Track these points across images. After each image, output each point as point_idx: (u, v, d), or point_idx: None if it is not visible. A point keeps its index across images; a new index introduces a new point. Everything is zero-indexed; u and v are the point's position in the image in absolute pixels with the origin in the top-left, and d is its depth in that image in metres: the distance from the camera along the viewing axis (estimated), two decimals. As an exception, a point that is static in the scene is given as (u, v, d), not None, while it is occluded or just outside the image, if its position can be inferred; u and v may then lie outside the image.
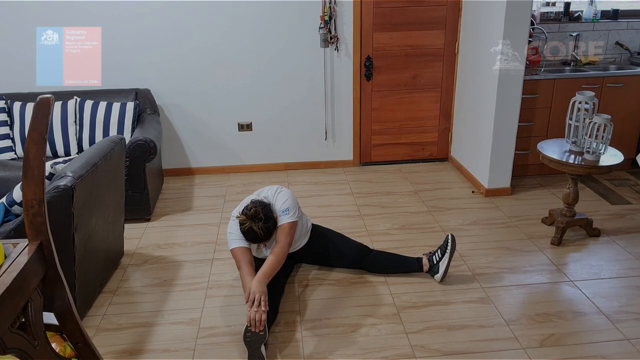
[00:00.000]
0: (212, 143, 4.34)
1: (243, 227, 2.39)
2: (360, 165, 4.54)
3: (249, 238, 2.43)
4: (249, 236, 2.41)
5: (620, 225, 3.34)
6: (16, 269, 1.39)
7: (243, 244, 2.47)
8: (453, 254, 2.72)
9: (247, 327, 2.20)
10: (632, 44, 4.37)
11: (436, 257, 2.74)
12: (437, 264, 2.72)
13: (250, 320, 2.18)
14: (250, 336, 2.18)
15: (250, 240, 2.45)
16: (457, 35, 4.19)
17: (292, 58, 4.14)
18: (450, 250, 2.70)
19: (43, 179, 1.46)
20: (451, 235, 2.73)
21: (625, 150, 3.37)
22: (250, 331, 2.18)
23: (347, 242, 2.85)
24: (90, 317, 2.53)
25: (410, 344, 2.29)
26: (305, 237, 2.78)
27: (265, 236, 2.41)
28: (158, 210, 3.73)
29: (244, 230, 2.39)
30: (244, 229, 2.39)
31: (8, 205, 2.49)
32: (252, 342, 2.18)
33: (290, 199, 2.56)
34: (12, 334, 1.36)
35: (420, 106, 4.40)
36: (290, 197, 2.58)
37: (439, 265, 2.71)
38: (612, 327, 2.38)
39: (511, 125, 3.65)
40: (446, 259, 2.69)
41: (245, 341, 2.19)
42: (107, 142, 2.68)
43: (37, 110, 1.44)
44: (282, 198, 2.55)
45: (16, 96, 3.76)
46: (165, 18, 3.93)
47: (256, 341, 2.18)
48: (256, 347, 2.17)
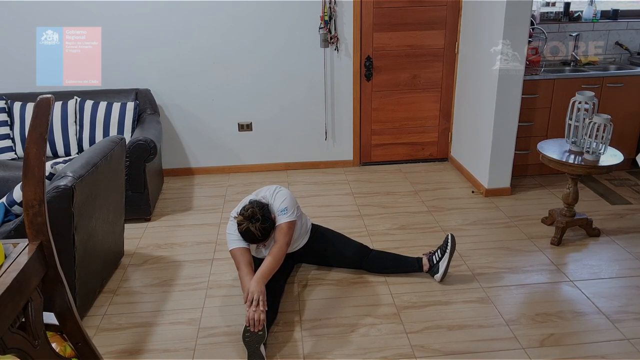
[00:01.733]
0: (212, 143, 4.34)
1: (240, 228, 2.40)
2: (360, 165, 4.54)
3: (246, 239, 2.43)
4: (246, 237, 2.41)
5: (620, 225, 3.34)
6: (16, 269, 1.39)
7: (242, 244, 2.47)
8: (453, 254, 2.71)
9: (246, 327, 2.20)
10: (632, 44, 4.37)
11: (436, 257, 2.73)
12: (437, 264, 2.72)
13: (249, 320, 2.18)
14: (249, 336, 2.18)
15: (248, 241, 2.45)
16: (457, 35, 4.19)
17: (292, 58, 4.14)
18: (450, 250, 2.69)
19: (43, 179, 1.46)
20: (451, 235, 2.73)
21: (625, 150, 3.37)
22: (250, 331, 2.18)
23: (347, 242, 2.85)
24: (90, 317, 2.53)
25: (410, 344, 2.29)
26: (305, 237, 2.78)
27: (262, 237, 2.41)
28: (158, 210, 3.73)
29: (242, 230, 2.39)
30: (242, 230, 2.39)
31: (8, 205, 2.49)
32: (251, 342, 2.18)
33: (288, 199, 2.56)
34: (12, 334, 1.36)
35: (420, 106, 4.40)
36: (289, 197, 2.58)
37: (438, 265, 2.71)
38: (612, 327, 2.38)
39: (511, 125, 3.65)
40: (446, 258, 2.69)
41: (245, 341, 2.19)
42: (107, 142, 2.68)
43: (37, 110, 1.45)
44: (280, 198, 2.55)
45: (16, 96, 3.76)
46: (165, 18, 3.93)
47: (255, 341, 2.18)
48: (255, 347, 2.17)
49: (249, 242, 2.45)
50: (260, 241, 2.45)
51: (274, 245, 2.47)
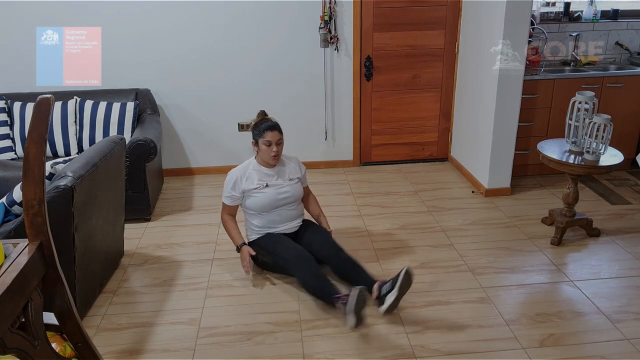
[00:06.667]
0: (212, 143, 4.34)
1: (261, 115, 2.81)
2: (360, 165, 4.54)
3: (265, 124, 2.74)
4: (266, 122, 2.76)
5: (620, 225, 3.34)
6: (16, 269, 1.39)
7: (236, 202, 2.82)
8: (405, 291, 2.41)
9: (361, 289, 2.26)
10: (632, 44, 4.37)
11: (385, 288, 2.45)
12: (384, 296, 2.43)
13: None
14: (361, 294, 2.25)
15: (267, 126, 2.72)
16: (457, 35, 4.19)
17: (292, 58, 4.14)
18: (399, 285, 2.38)
19: (43, 179, 1.46)
20: (406, 270, 2.40)
21: (625, 150, 3.37)
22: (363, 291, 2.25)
23: (329, 236, 2.84)
24: (90, 317, 2.53)
25: (410, 344, 2.29)
26: (300, 218, 2.93)
27: (278, 125, 2.76)
28: (158, 210, 3.73)
29: (261, 118, 2.79)
30: (262, 117, 2.79)
31: (8, 205, 2.49)
32: (360, 301, 2.25)
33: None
34: (12, 334, 1.36)
35: (420, 106, 4.40)
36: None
37: (385, 298, 2.42)
38: (612, 327, 2.38)
39: (511, 125, 3.65)
40: (394, 294, 2.38)
41: (357, 300, 2.23)
42: (107, 142, 2.68)
43: (37, 110, 1.45)
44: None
45: (16, 96, 3.76)
46: (165, 18, 3.93)
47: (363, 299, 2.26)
48: (362, 307, 2.26)
49: (268, 127, 2.73)
50: (277, 128, 2.74)
51: (312, 193, 3.08)
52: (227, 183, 2.81)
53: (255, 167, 2.82)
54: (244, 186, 2.78)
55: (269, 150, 2.73)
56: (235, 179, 2.79)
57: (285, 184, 2.83)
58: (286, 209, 2.83)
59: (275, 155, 2.75)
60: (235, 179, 2.79)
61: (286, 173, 2.87)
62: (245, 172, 2.81)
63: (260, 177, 2.79)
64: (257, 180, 2.78)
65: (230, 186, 2.80)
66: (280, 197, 2.79)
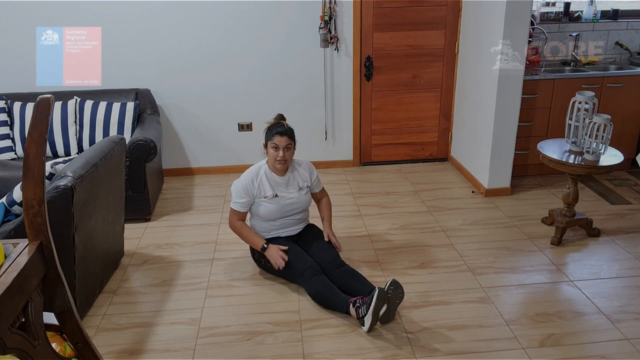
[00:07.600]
0: (212, 143, 4.34)
1: (275, 119, 2.76)
2: (360, 165, 4.54)
3: (277, 128, 2.70)
4: (277, 126, 2.72)
5: (620, 225, 3.35)
6: (16, 269, 1.39)
7: (244, 208, 2.77)
8: (380, 309, 2.31)
9: (394, 280, 2.34)
10: (632, 44, 4.37)
11: (361, 311, 2.35)
12: (362, 318, 2.36)
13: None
14: (393, 290, 2.33)
15: (278, 131, 2.68)
16: (457, 35, 4.19)
17: (292, 58, 4.14)
18: (373, 308, 2.29)
19: (43, 179, 1.46)
20: (379, 290, 2.29)
21: (625, 150, 3.37)
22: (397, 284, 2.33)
23: (331, 247, 2.80)
24: (90, 317, 2.53)
25: (410, 344, 2.29)
26: (304, 223, 2.91)
27: (289, 131, 2.71)
28: (158, 210, 3.73)
29: (275, 122, 2.75)
30: (276, 121, 2.75)
31: (8, 205, 2.49)
32: (393, 298, 2.34)
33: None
34: (12, 334, 1.36)
35: (420, 106, 4.40)
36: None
37: (364, 320, 2.35)
38: (612, 327, 2.38)
39: (511, 125, 3.65)
40: (369, 317, 2.30)
41: (388, 295, 2.31)
42: (107, 142, 2.68)
43: (37, 110, 1.45)
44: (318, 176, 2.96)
45: (16, 96, 3.76)
46: (165, 18, 3.93)
47: (396, 297, 2.35)
48: (396, 304, 2.37)
49: (278, 132, 2.68)
50: (287, 134, 2.68)
51: (326, 197, 2.99)
52: (237, 189, 2.73)
53: (267, 172, 2.76)
54: (255, 192, 2.72)
55: (276, 154, 2.68)
56: (247, 185, 2.71)
57: (295, 194, 2.78)
58: (291, 218, 2.82)
59: (280, 160, 2.69)
60: (247, 185, 2.71)
61: (296, 181, 2.81)
62: (257, 176, 2.74)
63: (272, 185, 2.74)
64: (269, 189, 2.73)
65: (242, 193, 2.72)
66: (288, 209, 2.77)
